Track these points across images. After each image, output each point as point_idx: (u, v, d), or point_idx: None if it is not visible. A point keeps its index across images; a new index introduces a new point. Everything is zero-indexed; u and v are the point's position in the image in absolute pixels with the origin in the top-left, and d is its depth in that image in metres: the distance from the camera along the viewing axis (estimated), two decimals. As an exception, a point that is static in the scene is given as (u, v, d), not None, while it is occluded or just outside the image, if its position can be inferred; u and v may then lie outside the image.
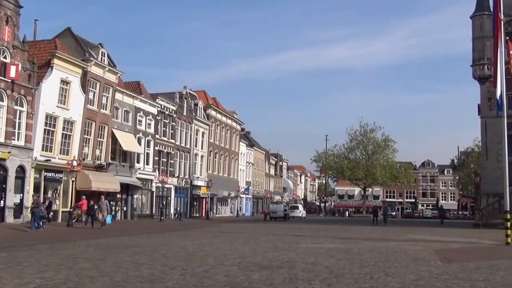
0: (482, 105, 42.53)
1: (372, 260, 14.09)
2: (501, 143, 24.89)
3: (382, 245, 19.78)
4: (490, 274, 11.95)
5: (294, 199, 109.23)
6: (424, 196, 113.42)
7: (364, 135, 73.49)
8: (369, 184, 76.47)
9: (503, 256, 17.04)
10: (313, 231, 30.83)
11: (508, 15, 39.36)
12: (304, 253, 15.90)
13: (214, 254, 14.98)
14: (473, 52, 42.86)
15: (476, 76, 42.45)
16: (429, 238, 26.10)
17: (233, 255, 14.80)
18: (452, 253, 17.90)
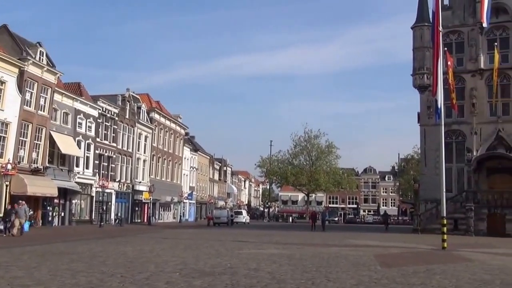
0: (421, 113, 43.97)
1: (314, 266, 14.26)
2: (438, 150, 25.80)
3: (324, 251, 20.06)
4: (427, 278, 12.33)
5: (238, 205, 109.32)
6: (366, 202, 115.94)
7: (308, 141, 74.50)
8: (313, 190, 77.49)
9: (440, 260, 17.61)
10: (256, 236, 30.91)
11: (447, 27, 41.06)
12: (247, 259, 15.91)
13: (155, 261, 14.76)
14: (414, 61, 44.28)
15: (416, 85, 43.87)
16: (370, 243, 26.66)
17: (175, 262, 14.64)
18: (392, 258, 18.35)
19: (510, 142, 39.98)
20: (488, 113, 41.68)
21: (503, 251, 23.00)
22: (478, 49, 42.29)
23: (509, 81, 41.33)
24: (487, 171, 40.97)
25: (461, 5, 43.72)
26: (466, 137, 41.91)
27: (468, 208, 37.81)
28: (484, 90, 41.91)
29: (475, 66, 42.24)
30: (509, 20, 41.32)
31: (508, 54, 41.54)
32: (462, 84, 42.60)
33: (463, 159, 40.58)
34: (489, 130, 41.05)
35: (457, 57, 42.89)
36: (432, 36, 25.46)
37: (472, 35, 42.73)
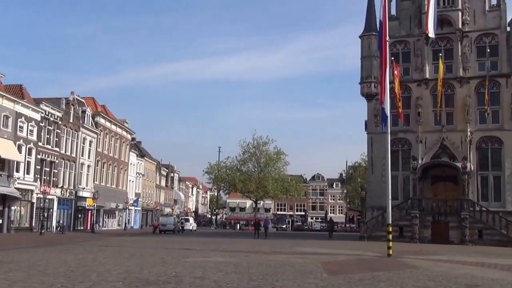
0: (368, 121, 44.90)
1: (260, 274, 14.25)
2: (385, 158, 26.34)
3: (271, 258, 20.10)
4: (372, 286, 12.53)
5: (185, 212, 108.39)
6: (313, 209, 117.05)
7: (257, 147, 74.60)
8: (261, 197, 77.62)
9: (385, 267, 17.95)
10: (203, 244, 30.71)
11: (394, 37, 42.20)
12: (193, 267, 15.76)
13: (97, 270, 14.41)
14: (361, 70, 45.19)
15: (364, 94, 44.77)
16: (317, 250, 26.92)
17: (118, 270, 14.33)
18: (338, 266, 18.58)
19: (454, 150, 41.35)
20: (432, 122, 43.00)
21: (446, 258, 23.66)
22: (423, 59, 43.62)
23: (453, 91, 42.78)
24: (431, 179, 42.20)
25: (408, 16, 45.03)
26: (412, 145, 43.08)
27: (413, 216, 38.81)
28: (429, 99, 43.22)
29: (421, 76, 43.54)
30: (453, 32, 42.81)
31: (452, 64, 43.01)
32: (408, 93, 43.79)
33: (409, 167, 41.64)
34: (434, 138, 42.34)
35: (403, 67, 44.08)
36: (380, 46, 26.05)
37: (418, 46, 44.04)
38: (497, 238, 36.86)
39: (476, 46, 42.70)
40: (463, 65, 42.50)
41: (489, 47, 41.48)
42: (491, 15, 42.74)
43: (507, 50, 41.47)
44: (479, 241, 37.14)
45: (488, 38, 42.48)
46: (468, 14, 42.85)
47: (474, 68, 42.55)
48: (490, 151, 41.72)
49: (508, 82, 41.13)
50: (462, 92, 42.35)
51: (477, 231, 37.79)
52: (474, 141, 41.54)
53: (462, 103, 42.01)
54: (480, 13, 42.94)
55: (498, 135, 41.33)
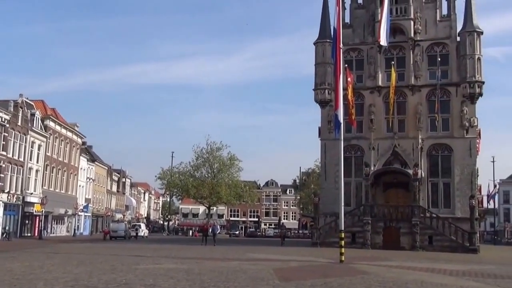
0: (322, 128, 45.43)
1: (212, 281, 14.21)
2: (338, 165, 26.72)
3: (223, 265, 20.07)
4: (324, 292, 12.66)
5: (137, 218, 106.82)
6: (267, 215, 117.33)
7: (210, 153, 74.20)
8: (214, 203, 77.23)
9: (337, 273, 18.19)
10: (155, 251, 30.38)
11: (347, 44, 42.94)
12: (143, 275, 15.57)
13: (44, 278, 14.06)
14: (315, 76, 45.74)
15: (318, 100, 45.31)
16: (270, 257, 27.02)
17: (66, 278, 14.03)
18: (290, 272, 18.71)
19: (405, 157, 42.31)
20: (385, 129, 43.89)
21: (397, 263, 24.17)
22: (376, 67, 44.54)
23: (405, 99, 43.81)
24: (383, 186, 43.03)
25: (361, 24, 45.92)
26: (365, 152, 43.84)
27: (365, 222, 39.47)
28: (381, 106, 44.14)
29: (374, 83, 44.42)
30: (405, 41, 43.89)
31: (404, 72, 44.06)
32: (361, 100, 44.58)
33: (362, 173, 42.31)
34: (386, 145, 43.22)
35: (357, 74, 44.84)
36: (334, 53, 26.46)
37: (371, 53, 44.95)
38: (446, 244, 37.87)
39: (427, 55, 43.90)
40: (415, 73, 43.60)
41: (440, 56, 42.76)
42: (442, 25, 44.05)
43: (457, 60, 42.79)
44: (429, 247, 38.06)
45: (439, 47, 43.77)
46: (420, 24, 44.04)
47: (426, 76, 43.70)
48: (440, 158, 42.89)
49: (457, 91, 42.41)
50: (414, 100, 43.42)
51: (427, 237, 38.72)
52: (425, 148, 42.63)
53: (414, 111, 43.06)
54: (431, 22, 44.20)
55: (448, 142, 42.55)
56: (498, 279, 18.28)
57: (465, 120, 41.74)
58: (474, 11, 42.80)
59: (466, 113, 41.75)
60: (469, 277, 18.67)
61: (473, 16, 42.61)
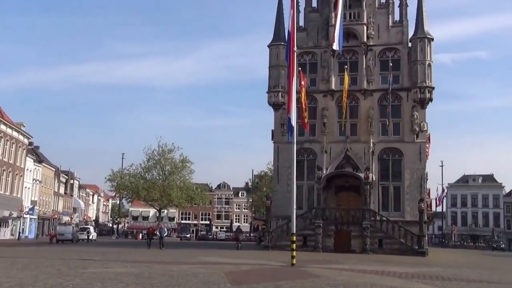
0: (275, 130, 45.71)
1: (162, 285, 14.08)
2: (290, 167, 26.92)
3: (174, 269, 19.89)
4: (275, 295, 12.72)
5: (85, 220, 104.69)
6: (219, 218, 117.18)
7: (162, 155, 73.57)
8: (165, 205, 76.63)
9: (288, 277, 18.31)
10: (103, 254, 29.84)
11: (301, 47, 43.36)
12: (91, 279, 15.29)
13: (-16, 283, 13.60)
14: (269, 79, 46.00)
15: (271, 103, 45.57)
16: (221, 260, 26.96)
17: (10, 283, 13.63)
18: (242, 275, 18.72)
19: (357, 161, 43.04)
20: (337, 133, 44.55)
21: (348, 266, 24.53)
22: (330, 70, 45.16)
23: (357, 103, 44.59)
24: (335, 189, 43.63)
25: (315, 27, 46.49)
26: (317, 155, 44.35)
27: (317, 225, 39.89)
28: (334, 110, 44.78)
29: (327, 87, 45.02)
30: (358, 45, 44.70)
31: (357, 77, 44.84)
32: (314, 103, 45.10)
33: (314, 176, 42.77)
34: (338, 149, 43.86)
35: (310, 77, 45.35)
36: (287, 56, 26.68)
37: (324, 57, 45.55)
38: (396, 247, 38.69)
39: (379, 60, 44.82)
40: (367, 77, 44.44)
41: (392, 61, 43.70)
42: (394, 31, 45.09)
43: (408, 65, 43.86)
44: (379, 249, 38.79)
45: (391, 52, 44.77)
46: (373, 29, 44.93)
47: (378, 81, 44.60)
48: (391, 162, 43.84)
49: (408, 96, 43.47)
50: (366, 104, 44.24)
51: (377, 240, 39.45)
52: (376, 152, 43.47)
53: (366, 115, 43.87)
54: (384, 28, 45.18)
55: (398, 146, 43.52)
56: (445, 281, 18.81)
57: (416, 124, 42.78)
58: (425, 18, 43.96)
59: (417, 118, 42.80)
60: (418, 279, 19.16)
61: (424, 23, 43.77)
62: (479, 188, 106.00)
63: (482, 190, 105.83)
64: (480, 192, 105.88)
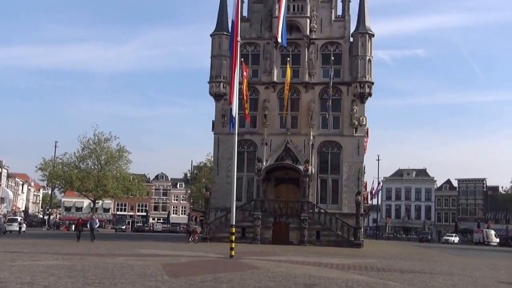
0: (216, 121, 45.48)
1: (97, 277, 13.71)
2: (230, 159, 26.87)
3: (109, 261, 19.46)
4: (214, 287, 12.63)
5: (14, 211, 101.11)
6: (156, 209, 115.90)
7: (98, 144, 71.64)
8: (100, 196, 74.85)
9: (227, 269, 18.27)
10: (33, 246, 28.87)
11: (244, 38, 43.21)
12: (20, 272, 14.70)
13: None
14: (211, 69, 45.64)
15: (213, 93, 45.27)
16: (158, 252, 26.64)
17: None
18: (180, 267, 18.53)
19: (297, 154, 43.46)
20: (278, 125, 44.81)
21: (286, 258, 24.77)
22: (272, 62, 45.29)
23: (299, 96, 44.96)
24: (275, 181, 43.94)
25: (259, 18, 46.46)
26: (258, 147, 44.47)
27: (255, 217, 40.05)
28: (276, 102, 44.98)
29: (269, 79, 45.15)
30: (301, 38, 45.01)
31: (299, 69, 45.17)
32: (256, 95, 45.16)
33: (254, 168, 42.88)
34: (279, 141, 44.14)
35: (252, 69, 45.33)
36: (230, 46, 26.55)
37: (267, 49, 45.63)
38: (333, 239, 39.40)
39: (321, 53, 45.32)
40: (309, 71, 44.86)
41: (334, 55, 44.25)
42: (337, 25, 45.68)
43: (349, 60, 44.56)
44: (316, 241, 39.40)
45: (333, 46, 45.35)
46: (316, 22, 45.36)
47: (319, 74, 45.11)
48: (330, 155, 44.52)
49: (349, 90, 44.19)
50: (307, 97, 44.68)
51: (315, 232, 40.04)
52: (316, 145, 44.02)
53: (307, 108, 44.31)
54: (326, 22, 45.69)
55: (338, 140, 44.24)
56: (380, 272, 19.30)
57: (355, 119, 43.58)
58: (367, 14, 44.77)
59: (356, 112, 43.61)
60: (354, 270, 19.55)
61: (366, 19, 44.57)
62: (412, 182, 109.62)
63: (415, 184, 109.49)
64: (413, 186, 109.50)
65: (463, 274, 20.54)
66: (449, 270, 21.89)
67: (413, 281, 16.77)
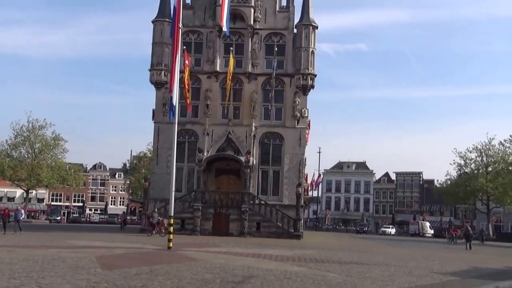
0: (156, 110, 44.70)
1: (24, 271, 13.12)
2: (171, 149, 26.45)
3: (39, 253, 18.74)
4: (149, 280, 12.33)
5: None
6: (93, 200, 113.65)
7: (32, 131, 69.42)
8: (33, 186, 72.57)
9: (164, 260, 17.94)
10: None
11: (187, 26, 42.61)
12: None
13: None
14: (152, 57, 44.77)
15: (153, 81, 44.44)
16: (93, 244, 25.93)
17: None
18: (115, 260, 18.06)
19: (239, 144, 43.32)
20: (220, 115, 44.49)
21: (225, 249, 24.64)
22: (215, 51, 44.85)
23: (241, 86, 44.75)
24: (216, 172, 43.68)
25: (202, 6, 45.85)
26: (199, 137, 44.03)
27: (195, 208, 39.71)
28: (218, 92, 44.61)
29: (212, 68, 44.71)
30: (245, 28, 44.75)
31: (242, 60, 44.91)
32: (198, 84, 44.67)
33: (195, 159, 42.48)
34: (220, 132, 43.84)
35: (195, 57, 44.78)
36: (172, 32, 26.05)
37: (210, 37, 45.14)
38: (273, 230, 39.57)
39: (265, 44, 45.20)
40: (252, 61, 44.69)
41: (277, 46, 44.23)
42: (281, 16, 45.65)
43: (292, 51, 44.66)
44: (256, 233, 39.47)
45: (277, 37, 45.31)
46: (260, 12, 45.19)
47: (262, 65, 45.00)
48: (272, 146, 44.60)
49: (292, 82, 44.34)
50: (250, 87, 44.53)
51: (255, 223, 40.10)
52: (258, 136, 43.98)
53: (249, 99, 44.16)
54: (271, 12, 45.56)
55: (280, 131, 44.36)
56: (318, 263, 19.48)
57: (297, 110, 43.78)
58: (311, 6, 44.99)
59: (298, 104, 43.81)
60: (293, 262, 19.63)
61: (310, 11, 44.77)
62: (352, 174, 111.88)
63: (355, 176, 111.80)
64: (353, 178, 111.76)
65: (399, 264, 21.02)
66: (386, 261, 22.36)
67: (351, 272, 16.98)
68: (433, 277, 17.02)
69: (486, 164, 73.40)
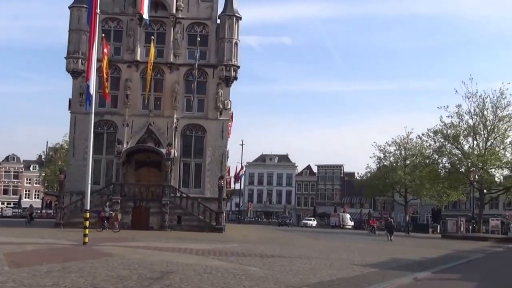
0: (73, 100, 43.16)
1: None
2: (88, 140, 25.57)
3: None
4: (61, 278, 11.81)
5: None
6: (5, 193, 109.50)
7: None
8: None
9: (78, 257, 17.29)
10: None
11: (106, 13, 41.37)
12: None
13: None
14: (69, 44, 43.14)
15: (70, 70, 42.87)
16: (3, 240, 24.69)
17: None
18: (24, 256, 17.25)
19: (160, 136, 42.60)
20: (140, 106, 43.51)
21: (144, 244, 24.16)
22: (136, 40, 43.77)
23: (163, 76, 43.96)
24: (136, 164, 42.80)
25: (123, -7, 44.64)
26: (118, 128, 42.94)
27: (114, 201, 38.74)
28: (138, 82, 43.60)
29: (132, 57, 43.62)
30: (167, 16, 43.92)
31: (164, 49, 44.09)
32: (118, 74, 43.47)
33: (113, 150, 41.41)
34: (141, 123, 42.92)
35: (115, 46, 43.56)
36: (89, 18, 25.14)
37: (131, 26, 43.97)
38: (194, 224, 39.28)
39: (188, 34, 44.58)
40: (174, 51, 43.96)
41: (200, 37, 43.66)
42: (204, 6, 45.09)
43: (216, 42, 44.32)
44: (177, 226, 39.05)
45: (200, 27, 44.80)
46: (183, 1, 44.49)
47: (185, 55, 44.39)
48: (194, 138, 44.16)
49: (214, 73, 44.01)
50: (172, 78, 43.82)
51: (176, 216, 39.65)
52: (179, 128, 43.42)
53: (171, 89, 43.45)
54: (194, 1, 44.87)
55: (202, 123, 43.97)
56: (240, 257, 19.44)
57: (220, 102, 43.54)
58: (235, -4, 44.80)
59: (221, 96, 43.60)
60: (214, 256, 19.49)
61: (234, 1, 44.50)
62: (275, 167, 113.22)
63: (277, 169, 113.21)
64: (275, 171, 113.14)
65: (321, 257, 21.35)
66: (307, 254, 22.65)
67: (273, 266, 17.02)
68: (354, 269, 17.37)
69: (404, 157, 76.36)
